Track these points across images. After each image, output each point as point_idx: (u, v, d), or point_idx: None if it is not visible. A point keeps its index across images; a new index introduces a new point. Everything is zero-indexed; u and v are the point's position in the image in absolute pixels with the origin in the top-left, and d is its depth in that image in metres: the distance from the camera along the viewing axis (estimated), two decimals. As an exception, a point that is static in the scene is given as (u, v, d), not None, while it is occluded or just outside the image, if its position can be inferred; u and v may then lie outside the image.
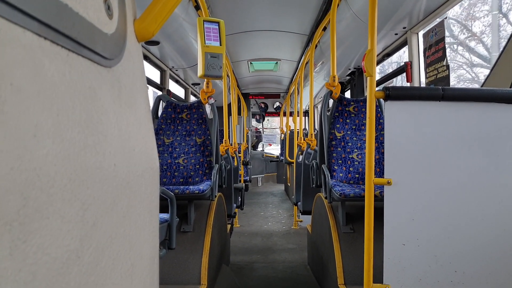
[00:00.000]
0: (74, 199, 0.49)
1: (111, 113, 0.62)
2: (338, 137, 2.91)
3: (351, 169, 2.82)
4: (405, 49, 3.76)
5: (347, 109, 2.98)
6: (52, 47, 0.47)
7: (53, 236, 0.44)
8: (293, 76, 7.11)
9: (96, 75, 0.59)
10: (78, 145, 0.50)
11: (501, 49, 2.28)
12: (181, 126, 3.04)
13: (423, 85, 3.42)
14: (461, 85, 10.34)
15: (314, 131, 4.33)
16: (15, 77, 0.39)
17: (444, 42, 2.94)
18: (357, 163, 2.83)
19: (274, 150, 11.74)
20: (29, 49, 0.42)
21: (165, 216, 1.86)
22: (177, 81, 5.61)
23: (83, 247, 0.51)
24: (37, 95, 0.42)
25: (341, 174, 2.82)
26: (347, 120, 2.95)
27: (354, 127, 2.93)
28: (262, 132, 11.31)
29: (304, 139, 4.79)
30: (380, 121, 2.82)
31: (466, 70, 9.85)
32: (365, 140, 1.66)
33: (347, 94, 5.68)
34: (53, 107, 0.45)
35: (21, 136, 0.39)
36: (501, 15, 8.21)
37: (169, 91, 4.91)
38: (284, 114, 8.60)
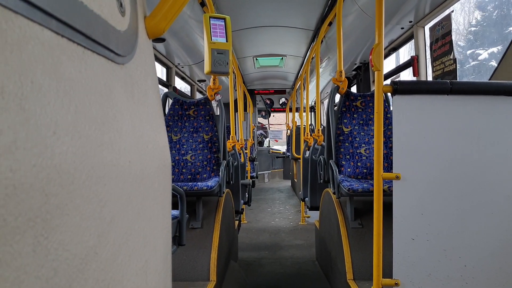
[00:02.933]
0: (92, 195, 0.49)
1: (125, 110, 0.63)
2: (345, 132, 2.90)
3: (359, 164, 2.81)
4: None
5: (354, 104, 2.97)
6: (69, 45, 0.47)
7: (73, 233, 0.45)
8: (299, 72, 7.09)
9: (110, 72, 0.59)
10: (95, 142, 0.51)
11: (510, 41, 2.26)
12: (188, 123, 3.04)
13: (429, 79, 3.40)
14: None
15: (321, 127, 4.32)
16: (36, 75, 0.39)
17: (451, 36, 2.92)
18: (365, 158, 2.82)
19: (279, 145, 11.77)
20: (48, 47, 0.42)
21: (175, 212, 1.87)
22: (183, 78, 5.62)
23: (100, 243, 0.52)
24: (56, 92, 0.43)
25: (349, 169, 2.81)
26: (355, 115, 2.94)
27: (361, 122, 2.92)
28: (268, 128, 11.31)
29: (310, 135, 4.78)
30: (388, 115, 2.81)
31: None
32: (373, 135, 1.65)
33: (353, 89, 5.65)
34: (71, 104, 0.46)
35: (41, 133, 0.39)
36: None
37: (175, 88, 4.92)
38: (290, 110, 8.58)
